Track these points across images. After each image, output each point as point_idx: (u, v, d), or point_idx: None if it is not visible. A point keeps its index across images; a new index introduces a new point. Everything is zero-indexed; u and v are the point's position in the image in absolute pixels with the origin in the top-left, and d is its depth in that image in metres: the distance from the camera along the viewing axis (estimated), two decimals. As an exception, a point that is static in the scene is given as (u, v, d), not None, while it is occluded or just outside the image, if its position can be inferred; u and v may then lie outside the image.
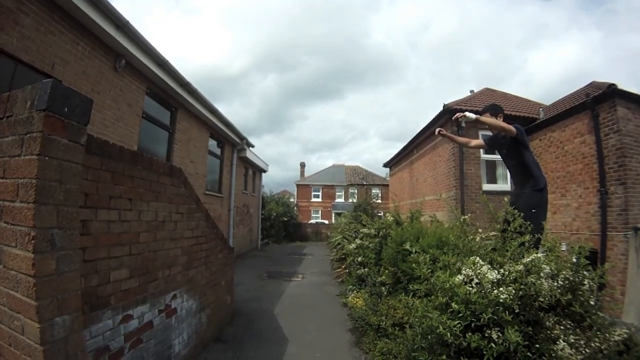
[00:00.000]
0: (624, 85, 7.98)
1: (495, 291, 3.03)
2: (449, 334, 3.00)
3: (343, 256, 10.88)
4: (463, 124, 4.43)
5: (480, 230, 4.42)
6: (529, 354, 2.84)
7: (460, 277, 3.37)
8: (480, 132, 10.91)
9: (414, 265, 3.96)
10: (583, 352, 2.70)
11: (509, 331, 2.75)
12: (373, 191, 36.84)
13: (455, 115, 4.60)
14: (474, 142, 5.34)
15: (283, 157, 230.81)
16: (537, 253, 3.35)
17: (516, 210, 3.79)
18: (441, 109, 11.32)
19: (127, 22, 6.19)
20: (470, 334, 2.96)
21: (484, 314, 2.92)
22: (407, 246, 4.65)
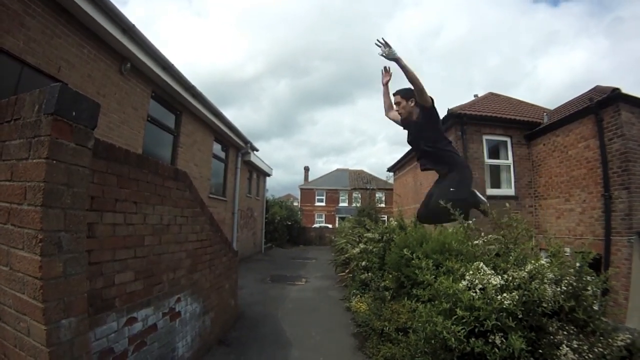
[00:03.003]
0: (630, 91, 7.96)
1: (499, 297, 3.04)
2: (453, 339, 3.00)
3: (347, 260, 10.87)
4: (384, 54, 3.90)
5: (482, 233, 4.43)
6: (532, 359, 2.84)
7: (464, 282, 3.37)
8: (485, 137, 10.90)
9: (417, 270, 3.97)
10: (586, 357, 2.70)
11: (513, 337, 2.75)
12: (377, 195, 36.80)
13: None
14: (392, 113, 4.90)
15: (291, 161, 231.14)
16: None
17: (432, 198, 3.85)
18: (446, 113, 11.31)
19: (133, 25, 6.23)
20: (474, 339, 2.97)
21: (488, 320, 2.93)
22: (407, 252, 4.66)
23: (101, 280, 2.76)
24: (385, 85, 4.82)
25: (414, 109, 4.37)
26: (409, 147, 15.78)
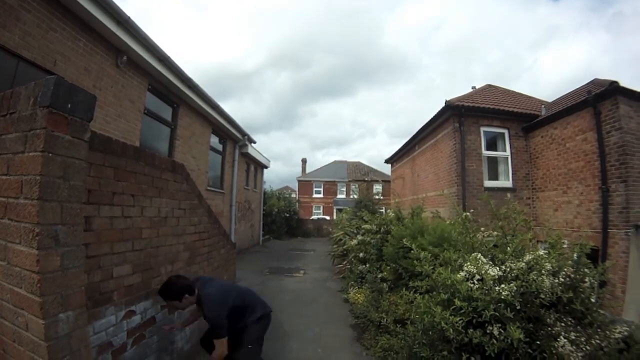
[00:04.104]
0: (629, 85, 7.93)
1: (497, 288, 3.05)
2: (451, 329, 3.02)
3: (344, 252, 10.90)
4: None
5: (482, 229, 4.44)
6: (529, 350, 2.86)
7: (462, 273, 3.38)
8: (482, 129, 10.90)
9: (415, 262, 3.98)
10: (583, 349, 2.71)
11: (511, 328, 2.77)
12: (375, 187, 36.77)
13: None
14: None
15: (290, 153, 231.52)
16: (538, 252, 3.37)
17: None
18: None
19: (128, 18, 6.19)
20: (472, 330, 2.98)
21: (486, 311, 2.94)
22: (406, 242, 4.67)
23: (99, 273, 2.76)
24: None
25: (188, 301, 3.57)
26: (407, 139, 15.69)
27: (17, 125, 2.00)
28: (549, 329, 2.91)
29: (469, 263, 3.49)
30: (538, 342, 2.88)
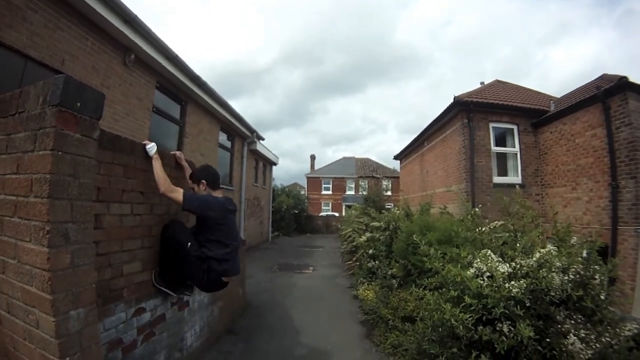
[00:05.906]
0: (638, 80, 7.83)
1: (507, 285, 3.03)
2: (461, 326, 3.01)
3: (354, 249, 10.87)
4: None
5: (486, 221, 4.41)
6: (539, 347, 2.84)
7: (472, 270, 3.37)
8: (491, 125, 10.84)
9: (424, 258, 3.96)
10: (593, 346, 2.69)
11: (521, 325, 2.75)
12: (383, 183, 36.69)
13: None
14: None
15: (300, 150, 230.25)
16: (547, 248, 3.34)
17: None
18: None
19: (135, 16, 6.20)
20: (481, 327, 2.97)
21: (496, 308, 2.92)
22: (416, 238, 4.65)
23: (109, 271, 2.77)
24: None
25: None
26: (416, 135, 15.61)
27: (27, 124, 2.02)
28: (559, 326, 2.90)
29: (478, 260, 3.48)
30: (548, 340, 2.87)
